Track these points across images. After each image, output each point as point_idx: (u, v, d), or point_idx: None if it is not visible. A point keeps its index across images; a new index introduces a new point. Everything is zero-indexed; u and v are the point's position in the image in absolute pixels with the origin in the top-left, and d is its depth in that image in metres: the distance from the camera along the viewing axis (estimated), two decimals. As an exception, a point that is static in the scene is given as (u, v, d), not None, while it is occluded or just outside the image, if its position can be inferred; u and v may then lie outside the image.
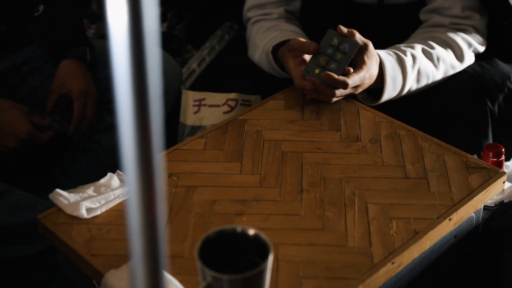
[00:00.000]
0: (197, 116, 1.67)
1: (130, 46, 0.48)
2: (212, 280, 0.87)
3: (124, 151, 0.52)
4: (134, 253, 0.57)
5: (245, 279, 0.87)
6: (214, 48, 2.04)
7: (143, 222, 0.55)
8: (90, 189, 1.15)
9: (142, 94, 0.50)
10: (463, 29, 1.54)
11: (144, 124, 0.51)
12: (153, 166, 0.53)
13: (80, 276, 1.09)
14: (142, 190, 0.54)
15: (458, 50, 1.49)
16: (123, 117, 0.51)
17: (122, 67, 0.49)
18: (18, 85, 1.57)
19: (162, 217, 0.56)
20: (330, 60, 1.36)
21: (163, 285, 0.58)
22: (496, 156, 1.31)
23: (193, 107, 1.66)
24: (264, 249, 0.90)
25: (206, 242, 0.91)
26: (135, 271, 0.58)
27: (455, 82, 1.49)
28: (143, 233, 0.55)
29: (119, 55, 0.49)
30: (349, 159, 1.26)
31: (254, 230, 0.92)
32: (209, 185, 1.19)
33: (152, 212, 0.55)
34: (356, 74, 1.33)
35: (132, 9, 0.47)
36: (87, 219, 1.11)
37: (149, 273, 0.58)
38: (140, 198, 0.54)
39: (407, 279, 1.10)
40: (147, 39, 0.48)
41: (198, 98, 1.68)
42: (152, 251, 0.57)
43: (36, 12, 1.55)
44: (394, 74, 1.40)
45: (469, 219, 1.18)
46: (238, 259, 0.93)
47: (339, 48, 1.36)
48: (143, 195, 0.54)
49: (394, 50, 1.44)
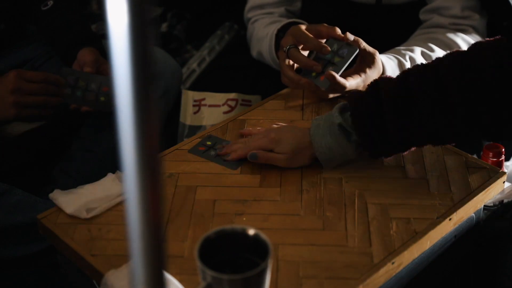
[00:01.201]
0: (197, 116, 1.67)
1: (130, 45, 0.48)
2: (212, 280, 0.87)
3: (124, 151, 0.52)
4: (134, 253, 0.57)
5: (245, 279, 0.87)
6: (214, 48, 2.04)
7: (143, 222, 0.55)
8: (90, 189, 1.15)
9: (142, 93, 0.50)
10: (462, 30, 1.54)
11: (144, 124, 0.51)
12: (153, 166, 0.53)
13: (80, 276, 1.09)
14: (142, 190, 0.54)
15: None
16: (123, 117, 0.51)
17: (122, 67, 0.49)
18: None
19: (162, 217, 0.56)
20: (328, 63, 1.36)
21: (163, 285, 0.58)
22: (496, 156, 1.31)
23: (193, 107, 1.66)
24: (264, 249, 0.90)
25: (206, 242, 0.91)
26: (135, 271, 0.58)
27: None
28: (143, 233, 0.55)
29: (119, 55, 0.49)
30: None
31: (254, 230, 0.92)
32: (209, 185, 1.19)
33: (152, 212, 0.55)
34: (353, 80, 1.33)
35: (132, 8, 0.47)
36: (87, 219, 1.11)
37: (149, 273, 0.58)
38: (140, 198, 0.54)
39: (407, 279, 1.10)
40: (147, 39, 0.48)
41: (198, 98, 1.68)
42: (152, 251, 0.56)
43: (44, 6, 1.55)
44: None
45: (469, 219, 1.18)
46: (238, 259, 0.93)
47: (338, 52, 1.36)
48: (143, 195, 0.54)
49: (394, 55, 1.44)
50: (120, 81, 0.50)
